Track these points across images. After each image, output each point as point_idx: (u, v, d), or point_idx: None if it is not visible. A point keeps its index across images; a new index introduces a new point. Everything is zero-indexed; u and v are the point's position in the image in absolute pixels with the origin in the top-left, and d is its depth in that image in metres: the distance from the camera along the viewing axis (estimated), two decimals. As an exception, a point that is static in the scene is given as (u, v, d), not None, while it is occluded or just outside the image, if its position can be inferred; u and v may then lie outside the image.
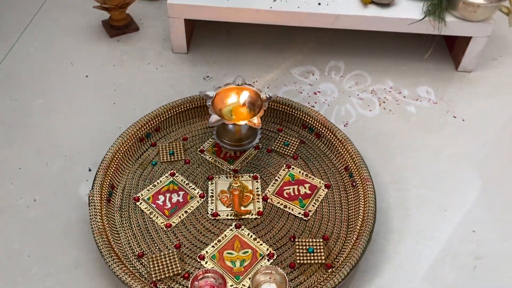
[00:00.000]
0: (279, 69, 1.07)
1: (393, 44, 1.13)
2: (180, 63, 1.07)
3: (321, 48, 1.12)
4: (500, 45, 1.16)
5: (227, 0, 1.01)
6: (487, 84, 1.06)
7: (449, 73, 1.08)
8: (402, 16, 0.99)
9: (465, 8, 0.96)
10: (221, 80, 1.03)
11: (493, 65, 1.10)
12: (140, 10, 1.20)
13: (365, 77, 1.06)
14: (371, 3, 1.02)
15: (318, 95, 1.01)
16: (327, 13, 1.00)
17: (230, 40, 1.13)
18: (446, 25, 0.98)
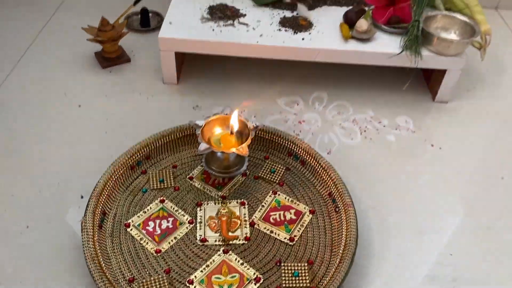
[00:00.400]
0: (265, 99, 1.12)
1: (373, 76, 1.19)
2: (170, 94, 1.11)
3: (305, 80, 1.18)
4: (474, 77, 1.22)
5: (216, 35, 1.07)
6: (462, 114, 1.12)
7: (426, 104, 1.13)
8: (380, 50, 1.05)
9: (440, 44, 1.03)
10: (210, 110, 1.07)
11: (468, 96, 1.17)
12: (132, 43, 1.24)
13: (347, 107, 1.11)
14: (351, 38, 1.08)
15: (303, 124, 1.06)
16: (310, 47, 1.05)
17: (219, 72, 1.18)
18: (422, 59, 1.05)
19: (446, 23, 1.10)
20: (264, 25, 1.11)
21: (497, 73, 1.25)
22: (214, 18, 1.11)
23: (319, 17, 1.15)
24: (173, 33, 1.06)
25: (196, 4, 1.16)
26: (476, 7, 1.11)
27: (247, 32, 1.08)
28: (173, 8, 1.14)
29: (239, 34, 1.07)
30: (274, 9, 1.17)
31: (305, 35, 1.09)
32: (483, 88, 1.20)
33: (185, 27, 1.08)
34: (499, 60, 1.30)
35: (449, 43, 1.02)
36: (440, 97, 1.13)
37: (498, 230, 0.88)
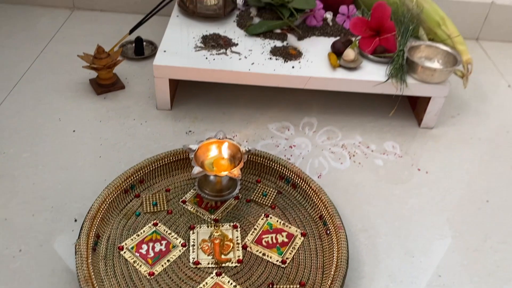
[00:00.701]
0: (257, 125, 1.14)
1: (361, 103, 1.23)
2: (164, 119, 1.14)
3: (295, 106, 1.21)
4: (458, 104, 1.27)
5: (209, 63, 1.10)
6: (447, 139, 1.16)
7: (412, 129, 1.17)
8: (367, 78, 1.10)
9: (424, 72, 1.08)
10: (202, 135, 1.09)
11: (452, 122, 1.21)
12: (126, 70, 1.27)
13: (336, 133, 1.14)
14: (339, 67, 1.12)
15: (294, 149, 1.09)
16: (300, 75, 1.09)
17: (212, 98, 1.21)
18: (407, 87, 1.09)
19: (430, 53, 1.15)
20: (255, 54, 1.15)
21: (479, 100, 1.30)
22: (207, 47, 1.15)
23: (308, 47, 1.19)
24: (167, 60, 1.09)
25: (189, 34, 1.20)
26: (458, 38, 1.17)
27: (239, 61, 1.12)
28: (167, 37, 1.18)
29: (232, 62, 1.11)
30: (265, 39, 1.21)
31: (295, 63, 1.13)
32: (467, 114, 1.24)
33: (179, 55, 1.11)
34: (481, 88, 1.35)
35: (433, 71, 1.07)
36: (425, 123, 1.17)
37: (485, 252, 0.90)
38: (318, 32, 1.25)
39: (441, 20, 1.20)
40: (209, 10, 1.27)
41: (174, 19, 1.26)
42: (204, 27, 1.23)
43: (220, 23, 1.26)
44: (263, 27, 1.22)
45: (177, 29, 1.22)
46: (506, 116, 1.25)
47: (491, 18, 1.54)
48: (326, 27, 1.26)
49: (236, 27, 1.25)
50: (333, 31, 1.26)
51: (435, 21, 1.20)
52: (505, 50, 1.55)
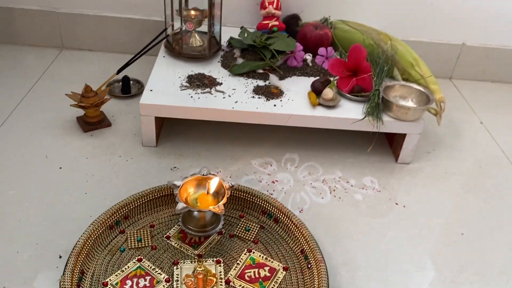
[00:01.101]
0: (241, 161, 1.18)
1: (340, 139, 1.28)
2: (149, 156, 1.16)
3: (278, 143, 1.25)
4: (433, 140, 1.33)
5: (194, 101, 1.14)
6: (424, 174, 1.20)
7: (390, 165, 1.22)
8: (345, 116, 1.15)
9: (398, 110, 1.13)
10: (187, 171, 1.12)
11: (428, 157, 1.26)
12: (113, 108, 1.31)
13: (317, 168, 1.18)
14: (318, 105, 1.17)
15: (276, 184, 1.12)
16: (282, 113, 1.14)
17: (197, 135, 1.25)
18: (383, 124, 1.14)
19: (404, 92, 1.21)
20: (239, 92, 1.20)
21: (453, 136, 1.36)
22: (192, 86, 1.20)
23: (289, 86, 1.25)
24: (153, 99, 1.13)
25: (175, 74, 1.25)
26: (430, 78, 1.24)
27: (223, 99, 1.17)
28: (154, 77, 1.22)
29: (216, 101, 1.15)
30: (248, 79, 1.26)
31: (277, 102, 1.18)
32: (442, 150, 1.30)
33: (165, 94, 1.16)
34: (454, 125, 1.41)
35: (407, 110, 1.13)
36: (402, 158, 1.22)
37: (460, 283, 0.93)
38: (298, 72, 1.31)
39: (414, 61, 1.27)
40: (195, 51, 1.32)
41: (160, 59, 1.31)
42: (190, 67, 1.28)
43: (205, 63, 1.31)
44: (246, 67, 1.27)
45: (163, 69, 1.27)
46: (479, 152, 1.31)
47: (463, 58, 1.63)
48: (306, 67, 1.33)
49: (220, 67, 1.30)
50: (313, 71, 1.32)
51: (409, 62, 1.27)
52: (477, 89, 1.63)
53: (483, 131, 1.40)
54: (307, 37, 1.36)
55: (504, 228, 1.07)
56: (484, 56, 1.62)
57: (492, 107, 1.53)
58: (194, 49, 1.33)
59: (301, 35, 1.38)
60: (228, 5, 1.50)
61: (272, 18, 1.45)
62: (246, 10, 1.54)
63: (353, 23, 1.41)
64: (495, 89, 1.65)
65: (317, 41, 1.36)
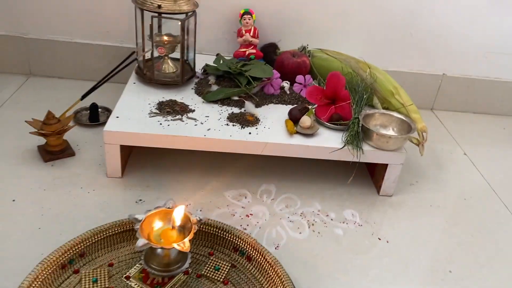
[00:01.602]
0: (213, 192, 1.10)
1: (319, 169, 1.21)
2: (113, 187, 1.08)
3: (253, 172, 1.18)
4: (416, 172, 1.27)
5: (163, 128, 1.07)
6: (407, 207, 1.14)
7: (372, 197, 1.15)
8: (324, 145, 1.09)
9: (379, 139, 1.08)
10: (154, 204, 1.03)
11: (411, 189, 1.20)
12: (79, 136, 1.23)
13: (295, 200, 1.11)
14: (296, 133, 1.11)
15: (250, 218, 1.04)
16: (257, 141, 1.07)
17: (166, 164, 1.17)
18: (363, 154, 1.08)
19: (384, 121, 1.16)
20: (212, 120, 1.13)
21: (437, 167, 1.31)
22: (162, 113, 1.13)
23: (265, 114, 1.19)
24: (119, 126, 1.06)
25: (145, 100, 1.18)
26: (411, 107, 1.19)
27: (195, 126, 1.10)
28: (121, 103, 1.15)
29: (187, 128, 1.08)
30: (222, 106, 1.20)
31: (252, 129, 1.11)
32: (425, 182, 1.24)
33: (132, 121, 1.08)
34: (437, 156, 1.36)
35: (388, 138, 1.07)
36: (384, 190, 1.16)
37: (451, 327, 0.85)
38: (275, 100, 1.26)
39: (394, 89, 1.23)
40: (167, 78, 1.26)
41: (130, 86, 1.25)
42: (161, 93, 1.22)
43: (178, 90, 1.25)
44: (220, 94, 1.21)
45: (132, 96, 1.20)
46: (463, 184, 1.26)
47: (444, 88, 1.60)
48: (284, 95, 1.27)
49: (194, 94, 1.24)
50: (290, 99, 1.26)
51: (389, 91, 1.23)
52: (459, 120, 1.60)
53: (467, 162, 1.36)
54: (284, 64, 1.32)
55: (493, 265, 1.00)
56: (464, 87, 1.60)
57: (475, 138, 1.50)
58: (166, 76, 1.27)
59: (279, 62, 1.34)
60: (204, 33, 1.46)
61: (249, 46, 1.41)
62: (222, 38, 1.50)
63: (331, 52, 1.38)
64: (477, 120, 1.62)
65: (295, 69, 1.31)
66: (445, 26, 1.49)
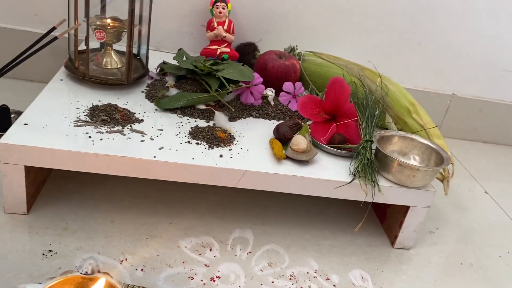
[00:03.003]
0: (162, 241, 0.75)
1: (314, 209, 0.89)
2: (12, 230, 0.71)
3: (222, 211, 0.84)
4: (434, 215, 0.98)
5: (93, 143, 0.72)
6: (431, 267, 0.83)
7: (384, 250, 0.84)
8: (325, 177, 0.77)
9: (402, 172, 0.77)
10: (69, 259, 0.68)
11: (432, 240, 0.90)
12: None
13: (281, 255, 0.78)
14: (285, 159, 0.79)
15: (217, 282, 0.69)
16: (231, 168, 0.74)
17: (96, 196, 0.81)
18: (380, 191, 0.77)
19: (404, 146, 0.86)
20: (167, 134, 0.79)
21: (457, 209, 1.02)
22: (94, 122, 0.78)
23: (243, 130, 0.87)
24: (23, 138, 0.70)
25: (72, 103, 0.83)
26: (434, 130, 0.91)
27: (142, 143, 0.76)
28: (36, 105, 0.80)
29: (129, 145, 0.74)
30: (184, 117, 0.87)
31: (224, 151, 0.78)
32: (447, 229, 0.95)
33: (45, 132, 0.73)
34: (455, 194, 1.08)
35: (415, 171, 0.77)
36: (401, 242, 0.85)
37: None
38: (256, 112, 0.94)
39: (412, 106, 0.94)
40: (107, 75, 0.92)
41: (55, 83, 0.89)
42: (98, 95, 0.87)
43: (122, 92, 0.91)
44: (181, 100, 0.88)
45: (55, 96, 0.85)
46: (494, 232, 0.97)
47: (452, 111, 1.34)
48: (267, 107, 0.96)
49: (144, 100, 0.90)
50: (275, 113, 0.95)
51: (404, 107, 0.94)
52: (468, 148, 1.34)
53: (491, 203, 1.08)
54: (268, 67, 1.01)
55: None
56: (476, 110, 1.34)
57: (493, 173, 1.23)
58: (107, 72, 0.93)
59: (261, 64, 1.02)
60: (163, 24, 1.14)
61: (222, 43, 1.09)
62: (186, 32, 1.18)
63: (327, 56, 1.08)
64: (490, 150, 1.36)
65: (282, 74, 1.00)
66: (459, 38, 1.24)
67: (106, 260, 0.69)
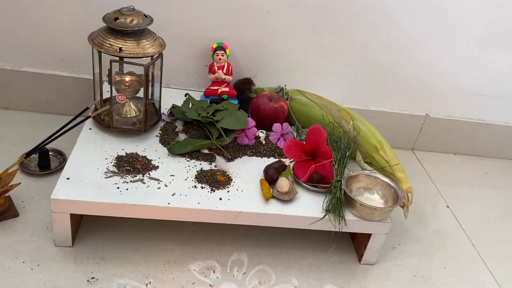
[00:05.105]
0: (177, 266, 0.97)
1: (297, 235, 1.11)
2: (62, 260, 0.94)
3: (223, 239, 1.06)
4: (398, 231, 1.18)
5: (121, 194, 0.94)
6: (390, 280, 1.05)
7: (352, 267, 1.06)
8: (303, 214, 0.98)
9: (363, 210, 0.98)
10: (107, 284, 0.90)
11: (393, 255, 1.11)
12: (25, 188, 1.07)
13: (269, 274, 1.00)
14: (272, 198, 1.00)
15: (219, 300, 0.92)
16: (228, 210, 0.95)
17: (124, 231, 1.03)
18: (346, 225, 0.98)
19: (369, 183, 1.06)
20: (178, 180, 1.00)
21: (419, 225, 1.23)
22: (121, 172, 0.99)
23: (239, 170, 1.07)
24: (68, 193, 0.91)
25: (102, 154, 1.04)
26: (397, 166, 1.10)
27: (158, 190, 0.97)
28: (74, 158, 1.01)
29: (148, 193, 0.95)
30: (191, 160, 1.07)
31: (223, 193, 0.99)
32: (408, 245, 1.15)
33: (84, 185, 0.94)
34: (420, 210, 1.28)
35: (373, 210, 0.97)
36: (366, 259, 1.06)
37: None
38: (250, 151, 1.14)
39: (379, 144, 1.13)
40: (128, 124, 1.12)
41: (85, 133, 1.10)
42: (121, 143, 1.08)
43: (140, 139, 1.11)
44: (188, 147, 1.08)
45: (87, 147, 1.05)
46: (447, 245, 1.18)
47: (426, 129, 1.52)
48: (259, 146, 1.16)
49: (158, 144, 1.11)
50: (266, 151, 1.15)
51: (373, 145, 1.13)
52: (440, 162, 1.53)
53: (450, 218, 1.28)
54: (260, 110, 1.20)
55: None
56: (447, 128, 1.53)
57: (458, 186, 1.42)
58: (127, 121, 1.13)
59: (254, 107, 1.21)
60: (172, 64, 1.32)
61: (222, 83, 1.28)
62: (192, 71, 1.36)
63: (311, 95, 1.27)
64: (459, 162, 1.55)
65: (272, 115, 1.20)
66: (430, 66, 1.41)
67: (135, 284, 0.92)
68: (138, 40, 1.01)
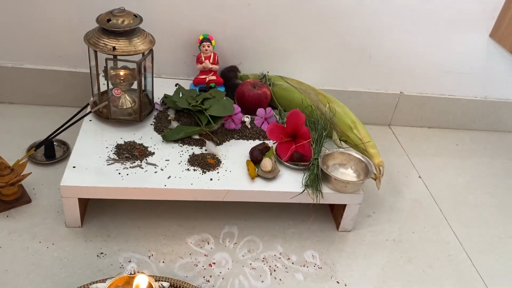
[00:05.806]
0: (175, 240, 1.10)
1: (281, 208, 1.24)
2: (73, 239, 1.06)
3: (215, 214, 1.19)
4: (373, 201, 1.32)
5: (122, 179, 1.06)
6: (364, 244, 1.18)
7: (331, 234, 1.19)
8: (284, 189, 1.10)
9: (337, 184, 1.10)
10: (115, 258, 1.03)
11: (368, 222, 1.25)
12: (34, 177, 1.19)
13: (257, 243, 1.13)
14: (257, 177, 1.12)
15: (213, 268, 1.05)
16: (218, 189, 1.08)
17: (126, 211, 1.15)
18: (323, 197, 1.11)
19: (343, 159, 1.19)
20: (172, 164, 1.12)
21: (393, 195, 1.36)
22: (121, 159, 1.11)
23: (227, 153, 1.19)
24: (76, 179, 1.03)
25: (103, 143, 1.15)
26: (369, 143, 1.22)
27: (155, 174, 1.09)
28: (78, 148, 1.12)
29: (146, 177, 1.07)
30: (183, 145, 1.19)
31: (213, 174, 1.11)
32: (381, 212, 1.29)
33: (89, 172, 1.06)
34: (393, 181, 1.41)
35: (346, 183, 1.10)
36: (343, 227, 1.20)
37: None
38: (237, 135, 1.25)
39: (353, 123, 1.25)
40: (124, 115, 1.23)
41: (86, 125, 1.21)
42: (119, 133, 1.19)
43: (136, 128, 1.22)
44: (180, 133, 1.20)
45: (89, 137, 1.16)
46: (418, 212, 1.31)
47: (401, 106, 1.64)
48: (245, 129, 1.27)
49: (153, 132, 1.22)
50: (252, 134, 1.26)
51: (347, 125, 1.25)
52: (415, 135, 1.65)
53: (421, 187, 1.41)
54: (245, 96, 1.31)
55: (443, 302, 1.07)
56: (420, 104, 1.64)
57: (430, 157, 1.55)
58: (123, 112, 1.24)
59: (239, 94, 1.32)
60: (162, 57, 1.42)
61: (210, 72, 1.39)
62: (181, 61, 1.46)
63: (292, 80, 1.38)
64: (432, 134, 1.68)
65: (256, 101, 1.31)
66: (403, 47, 1.51)
67: (139, 257, 1.05)
68: (130, 38, 1.12)
